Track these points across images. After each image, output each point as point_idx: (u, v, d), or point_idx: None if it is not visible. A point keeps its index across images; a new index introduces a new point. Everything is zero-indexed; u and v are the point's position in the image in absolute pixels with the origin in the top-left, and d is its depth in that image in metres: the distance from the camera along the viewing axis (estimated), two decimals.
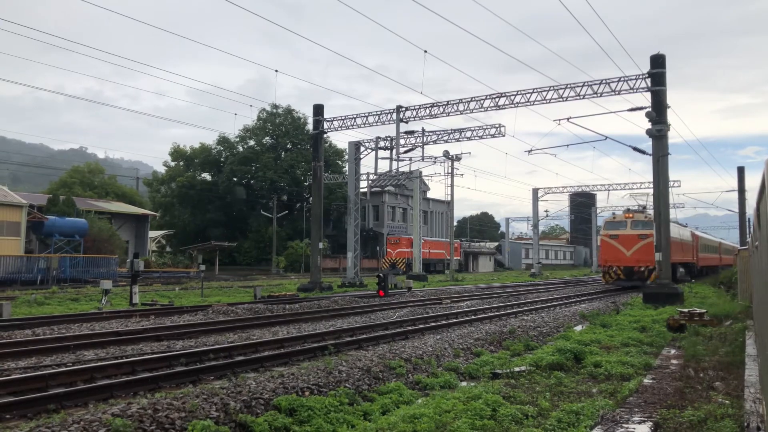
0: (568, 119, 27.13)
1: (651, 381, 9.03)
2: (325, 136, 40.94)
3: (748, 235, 55.47)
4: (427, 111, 32.01)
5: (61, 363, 9.93)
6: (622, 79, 26.23)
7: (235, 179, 75.18)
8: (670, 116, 25.75)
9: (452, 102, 31.16)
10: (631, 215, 33.93)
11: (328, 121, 35.64)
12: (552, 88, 28.22)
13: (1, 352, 10.53)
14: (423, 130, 35.25)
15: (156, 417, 6.37)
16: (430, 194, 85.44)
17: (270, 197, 70.58)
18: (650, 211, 32.77)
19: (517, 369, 10.01)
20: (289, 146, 78.48)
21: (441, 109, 31.53)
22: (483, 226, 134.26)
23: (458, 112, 30.90)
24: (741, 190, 59.26)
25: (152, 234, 65.73)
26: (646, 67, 25.63)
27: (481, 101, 30.07)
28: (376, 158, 36.39)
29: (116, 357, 10.47)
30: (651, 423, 6.60)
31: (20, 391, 7.60)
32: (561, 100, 27.98)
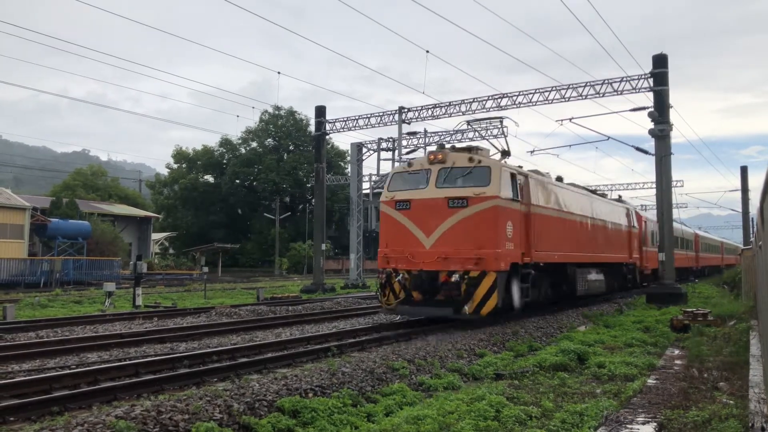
0: (570, 119, 27.08)
1: (655, 381, 9.01)
2: (327, 137, 40.95)
3: (751, 235, 55.28)
4: (429, 112, 32.02)
5: (64, 365, 9.95)
6: (625, 79, 26.19)
7: (237, 181, 75.29)
8: (673, 116, 25.77)
9: (454, 103, 31.16)
10: (440, 156, 15.29)
11: (330, 122, 35.66)
12: (554, 89, 28.20)
13: (5, 355, 10.55)
14: (425, 130, 35.28)
15: (159, 419, 6.37)
16: None
17: (272, 199, 70.70)
18: (492, 153, 16.45)
19: (520, 370, 10.00)
20: (291, 148, 78.59)
21: (443, 110, 31.53)
22: None
23: (460, 113, 30.89)
24: (744, 190, 59.14)
25: (155, 236, 65.85)
26: (648, 67, 25.60)
27: (483, 102, 30.06)
28: (379, 159, 36.44)
29: (119, 359, 10.48)
30: (655, 423, 6.58)
31: (24, 394, 7.61)
32: (563, 100, 27.96)
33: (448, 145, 17.86)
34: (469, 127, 20.84)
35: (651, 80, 25.35)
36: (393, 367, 9.73)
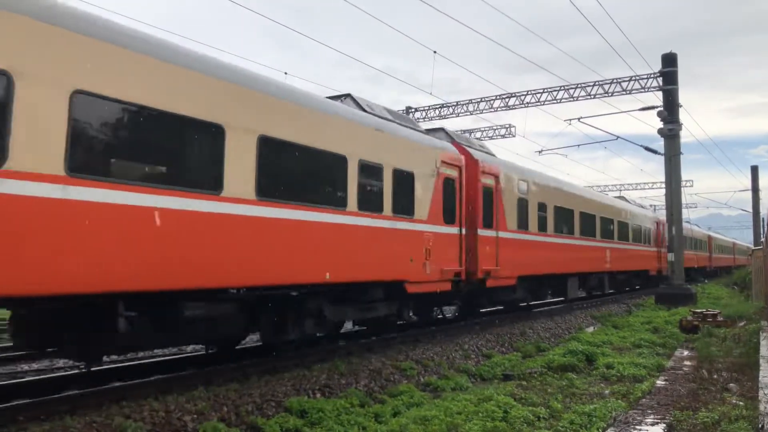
0: (579, 119, 27.00)
1: (664, 382, 8.97)
2: None
3: (762, 235, 54.80)
4: (437, 112, 31.98)
5: (74, 365, 10.00)
6: (634, 78, 26.08)
7: None
8: (682, 115, 25.60)
9: (462, 102, 31.11)
10: None
11: None
12: (562, 88, 28.11)
13: (15, 354, 10.62)
14: None
15: (168, 419, 6.40)
16: None
17: None
18: None
19: (528, 370, 9.97)
20: None
21: (451, 110, 31.49)
22: None
23: (468, 113, 30.84)
24: (755, 190, 58.65)
25: None
26: (657, 66, 25.49)
27: (491, 102, 30.00)
28: None
29: (129, 359, 10.53)
30: (664, 425, 6.56)
31: (34, 394, 7.65)
32: (571, 100, 27.86)
33: None
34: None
35: (660, 79, 25.23)
36: (400, 367, 9.73)
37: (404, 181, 11.16)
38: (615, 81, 26.81)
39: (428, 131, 14.19)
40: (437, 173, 12.26)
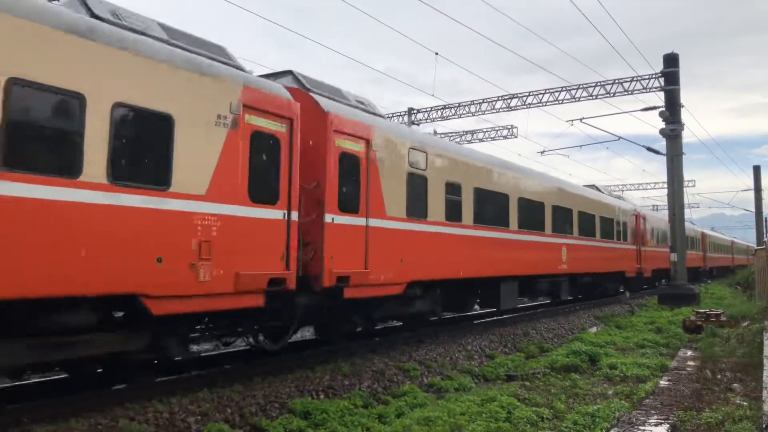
0: (581, 120, 26.98)
1: (667, 383, 8.97)
2: None
3: (765, 235, 54.75)
4: (439, 113, 32.04)
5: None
6: (635, 78, 26.07)
7: None
8: (684, 115, 25.56)
9: (464, 104, 31.13)
10: None
11: None
12: (564, 89, 28.11)
13: None
14: (435, 132, 35.24)
15: (172, 420, 6.41)
16: None
17: None
18: None
19: (531, 371, 9.98)
20: None
21: (453, 111, 31.53)
22: None
23: (470, 114, 30.87)
24: (757, 189, 58.60)
25: None
26: (658, 67, 25.48)
27: (493, 102, 30.02)
28: None
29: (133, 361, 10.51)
30: (668, 425, 6.56)
31: (37, 396, 7.68)
32: (573, 100, 27.85)
33: None
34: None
35: (662, 80, 25.21)
36: (404, 368, 9.74)
37: (146, 128, 6.93)
38: (617, 81, 26.81)
39: (270, 75, 10.35)
40: (235, 122, 7.88)
